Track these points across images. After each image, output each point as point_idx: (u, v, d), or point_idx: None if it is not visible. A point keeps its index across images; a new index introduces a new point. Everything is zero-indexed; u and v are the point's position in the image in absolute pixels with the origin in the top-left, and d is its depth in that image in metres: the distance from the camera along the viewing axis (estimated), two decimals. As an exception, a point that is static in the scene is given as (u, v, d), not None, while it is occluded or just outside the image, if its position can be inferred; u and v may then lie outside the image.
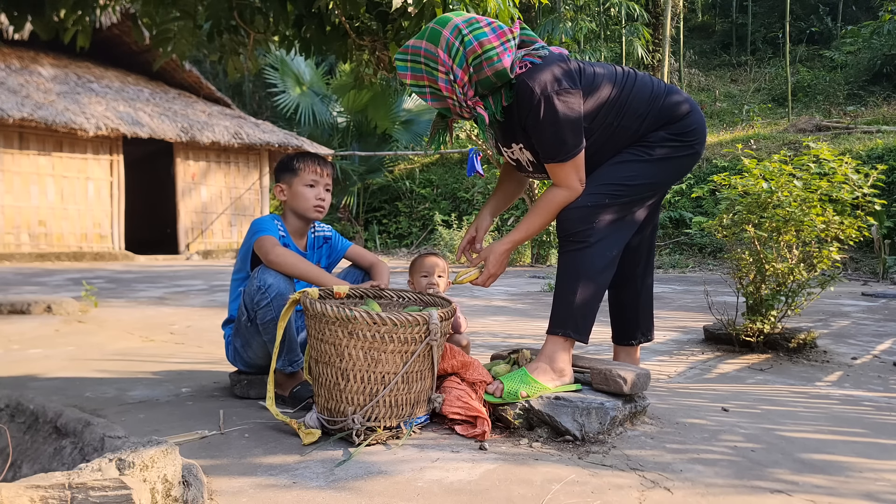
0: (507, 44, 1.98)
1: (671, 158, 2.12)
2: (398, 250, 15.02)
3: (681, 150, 2.13)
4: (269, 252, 2.22)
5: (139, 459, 1.27)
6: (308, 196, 2.39)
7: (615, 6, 15.95)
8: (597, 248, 2.04)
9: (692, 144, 2.14)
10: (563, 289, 2.09)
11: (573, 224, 2.06)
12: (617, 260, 2.12)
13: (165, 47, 3.12)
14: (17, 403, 1.79)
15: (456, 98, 2.01)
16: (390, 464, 1.71)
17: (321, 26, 3.18)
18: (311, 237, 2.55)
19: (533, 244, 11.23)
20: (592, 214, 2.04)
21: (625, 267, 2.31)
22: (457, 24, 1.95)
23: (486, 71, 1.96)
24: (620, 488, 1.57)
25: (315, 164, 2.43)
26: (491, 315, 4.93)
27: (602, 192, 2.06)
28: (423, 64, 1.98)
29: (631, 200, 2.10)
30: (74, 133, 10.85)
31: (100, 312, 4.77)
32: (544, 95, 1.94)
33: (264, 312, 2.20)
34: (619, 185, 2.07)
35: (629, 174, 2.08)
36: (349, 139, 16.18)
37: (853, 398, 2.59)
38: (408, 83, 2.03)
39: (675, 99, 2.14)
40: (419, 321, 1.86)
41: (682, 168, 2.18)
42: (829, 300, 5.85)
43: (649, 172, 2.10)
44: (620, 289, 2.42)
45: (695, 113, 2.15)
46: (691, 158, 2.17)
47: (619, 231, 2.09)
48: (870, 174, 3.32)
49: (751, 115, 16.62)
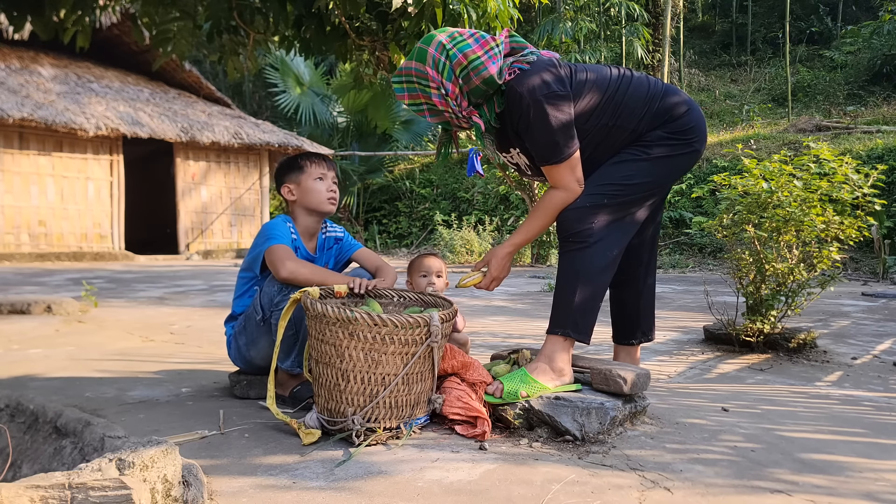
0: (490, 52, 2.04)
1: (669, 157, 2.12)
2: (398, 250, 15.02)
3: (679, 149, 2.13)
4: (281, 269, 2.18)
5: (139, 459, 1.27)
6: (320, 189, 2.39)
7: (615, 6, 15.95)
8: (596, 248, 2.05)
9: (691, 143, 2.14)
10: (562, 289, 2.10)
11: (572, 224, 2.07)
12: (618, 260, 2.12)
13: (165, 47, 3.12)
14: (17, 403, 1.79)
15: (451, 111, 2.08)
16: (390, 464, 1.71)
17: (321, 26, 3.19)
18: (321, 238, 2.53)
19: (533, 244, 11.23)
20: (591, 215, 2.05)
21: (626, 266, 2.31)
22: (440, 41, 2.03)
23: (474, 80, 2.03)
24: (620, 488, 1.57)
25: (320, 159, 2.45)
26: (491, 315, 4.93)
27: (600, 193, 2.07)
28: (416, 83, 2.06)
29: (630, 200, 2.10)
30: (74, 133, 10.85)
31: (100, 312, 4.77)
32: (533, 99, 1.99)
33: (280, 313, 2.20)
34: (618, 185, 2.07)
35: (627, 174, 2.09)
36: (349, 139, 16.19)
37: (853, 398, 2.59)
38: (406, 104, 2.12)
39: (672, 99, 2.14)
40: (420, 323, 1.86)
41: (681, 167, 2.18)
42: (829, 300, 5.85)
43: (647, 172, 2.10)
44: (621, 288, 2.42)
45: (693, 112, 2.15)
46: (690, 157, 2.17)
47: (618, 231, 2.10)
48: (870, 174, 3.32)
49: (751, 115, 16.63)
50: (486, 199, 15.04)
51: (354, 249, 2.55)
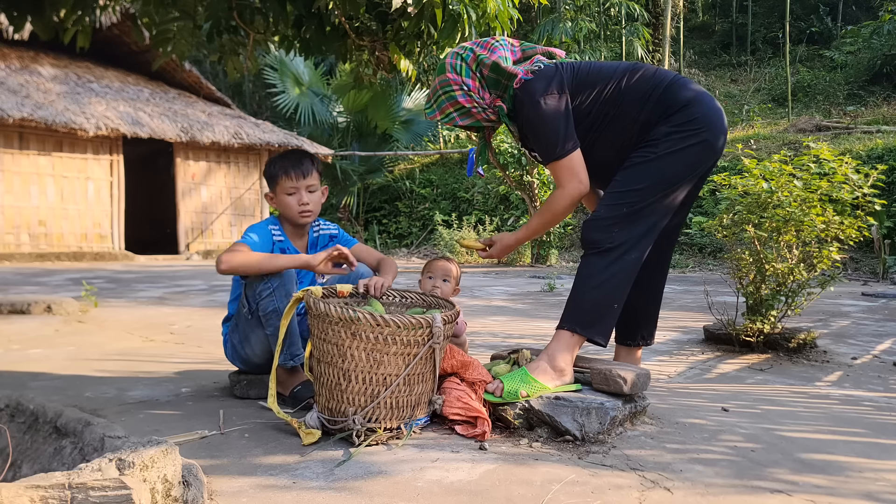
0: (491, 47, 2.26)
1: (676, 151, 2.09)
2: (398, 250, 15.02)
3: (686, 141, 2.08)
4: (218, 266, 2.18)
5: (139, 459, 1.27)
6: (290, 204, 2.39)
7: (615, 6, 15.96)
8: (616, 252, 2.09)
9: (698, 133, 2.09)
10: (576, 288, 2.16)
11: (594, 234, 2.13)
12: (639, 263, 2.13)
13: (165, 47, 3.12)
14: (17, 403, 1.79)
15: (477, 104, 2.25)
16: (390, 464, 1.71)
17: (321, 26, 3.19)
18: (311, 236, 2.54)
19: (533, 244, 11.23)
20: (612, 224, 2.10)
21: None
22: (452, 51, 2.30)
23: (484, 72, 2.22)
24: (620, 488, 1.57)
25: (290, 170, 2.38)
26: (491, 315, 4.93)
27: (618, 203, 2.11)
28: (441, 95, 2.26)
29: (647, 204, 2.10)
30: (74, 133, 10.85)
31: (100, 312, 4.76)
32: (532, 101, 2.14)
33: (266, 303, 2.21)
34: (632, 191, 2.09)
35: (638, 178, 2.10)
36: (349, 139, 16.18)
37: (853, 398, 2.59)
38: (438, 120, 2.32)
39: (677, 89, 2.13)
40: (422, 324, 1.86)
41: (692, 161, 2.12)
42: (829, 300, 5.85)
43: (657, 171, 2.09)
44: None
45: (699, 103, 2.11)
46: (700, 147, 2.11)
47: (639, 236, 2.10)
48: (870, 174, 3.32)
49: (751, 115, 16.62)
50: (486, 199, 15.04)
51: (350, 246, 2.55)
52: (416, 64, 3.40)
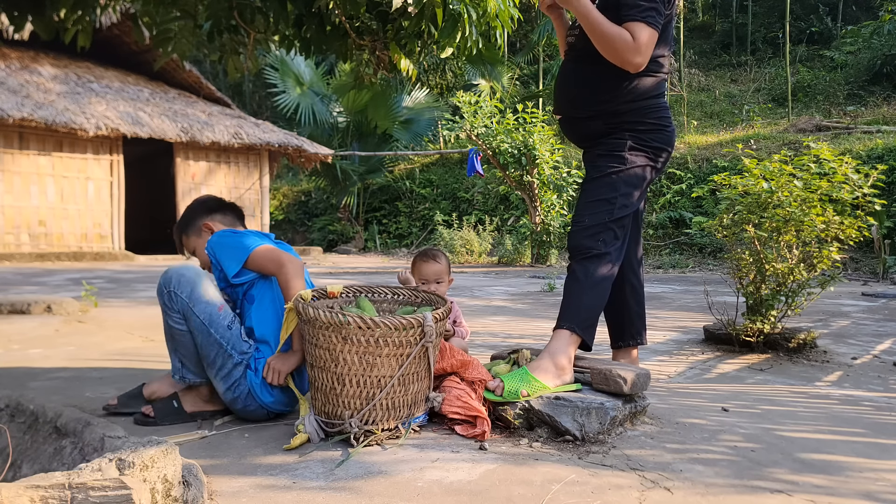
0: None
1: (641, 166, 2.25)
2: (398, 250, 15.02)
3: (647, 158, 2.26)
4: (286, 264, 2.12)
5: (139, 459, 1.27)
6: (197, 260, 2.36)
7: (615, 6, 15.89)
8: (604, 258, 2.19)
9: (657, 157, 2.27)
10: (570, 290, 2.21)
11: (585, 241, 2.21)
12: (616, 266, 2.24)
13: (166, 47, 3.12)
14: (17, 403, 1.79)
15: None
16: (390, 464, 1.71)
17: (321, 26, 3.18)
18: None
19: (533, 245, 11.24)
20: (599, 233, 2.20)
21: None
22: None
23: None
24: (620, 488, 1.57)
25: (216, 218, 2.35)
26: (491, 315, 4.93)
27: (600, 211, 2.21)
28: None
29: (622, 213, 2.22)
30: (74, 133, 10.84)
31: (100, 312, 4.76)
32: None
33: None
34: (609, 200, 2.21)
35: (609, 189, 2.22)
36: (349, 139, 16.18)
37: (853, 398, 2.59)
38: None
39: (657, 109, 2.25)
40: (414, 324, 1.86)
41: (646, 177, 2.28)
42: (829, 300, 5.85)
43: (622, 182, 2.22)
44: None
45: (663, 131, 2.27)
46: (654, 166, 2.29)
47: (619, 241, 2.24)
48: (870, 174, 3.32)
49: (751, 115, 16.62)
50: (486, 199, 15.04)
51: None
52: (416, 63, 3.40)
